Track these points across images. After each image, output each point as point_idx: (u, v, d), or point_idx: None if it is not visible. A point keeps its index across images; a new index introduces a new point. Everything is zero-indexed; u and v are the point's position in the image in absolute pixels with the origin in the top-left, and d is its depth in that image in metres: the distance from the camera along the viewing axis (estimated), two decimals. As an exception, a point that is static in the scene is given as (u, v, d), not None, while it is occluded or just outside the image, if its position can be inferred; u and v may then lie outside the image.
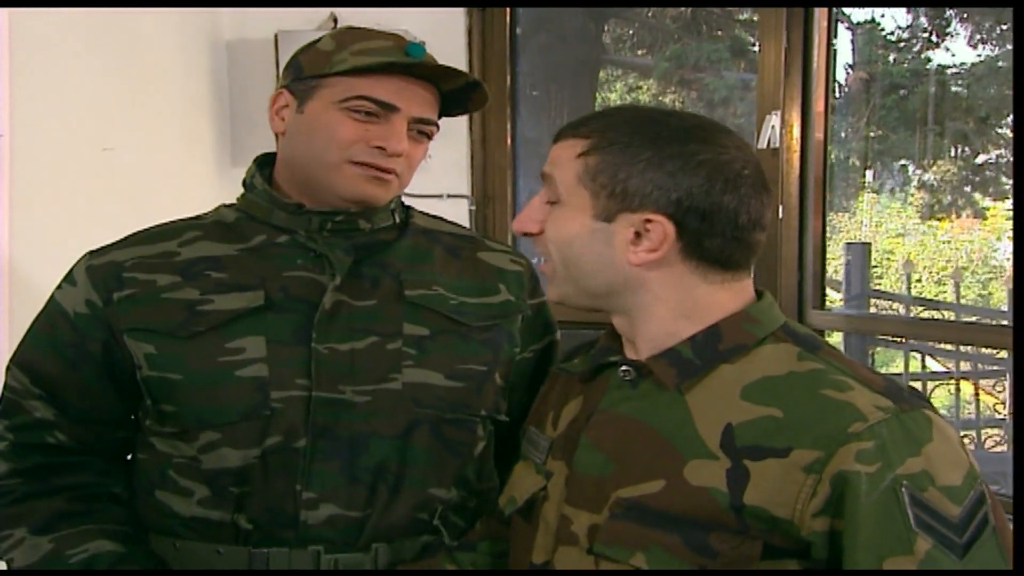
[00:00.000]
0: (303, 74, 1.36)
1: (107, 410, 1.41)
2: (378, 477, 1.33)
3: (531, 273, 1.53)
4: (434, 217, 1.54)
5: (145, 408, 1.38)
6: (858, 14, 5.10)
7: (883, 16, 5.31)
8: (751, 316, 1.11)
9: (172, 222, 1.47)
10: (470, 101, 1.44)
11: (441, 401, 1.37)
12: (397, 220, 1.45)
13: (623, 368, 1.15)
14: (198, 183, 2.96)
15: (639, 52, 5.09)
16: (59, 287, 1.42)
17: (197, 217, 1.47)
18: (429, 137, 1.41)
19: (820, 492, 0.99)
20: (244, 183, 1.45)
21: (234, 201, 1.46)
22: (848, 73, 5.48)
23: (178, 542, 1.35)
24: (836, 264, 5.41)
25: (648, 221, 1.08)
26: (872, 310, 5.43)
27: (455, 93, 1.41)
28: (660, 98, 4.93)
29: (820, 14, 2.75)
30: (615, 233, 1.10)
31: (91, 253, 1.42)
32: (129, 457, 1.46)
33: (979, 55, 5.48)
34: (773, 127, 2.75)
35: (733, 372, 1.08)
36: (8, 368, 1.41)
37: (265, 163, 1.46)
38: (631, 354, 1.16)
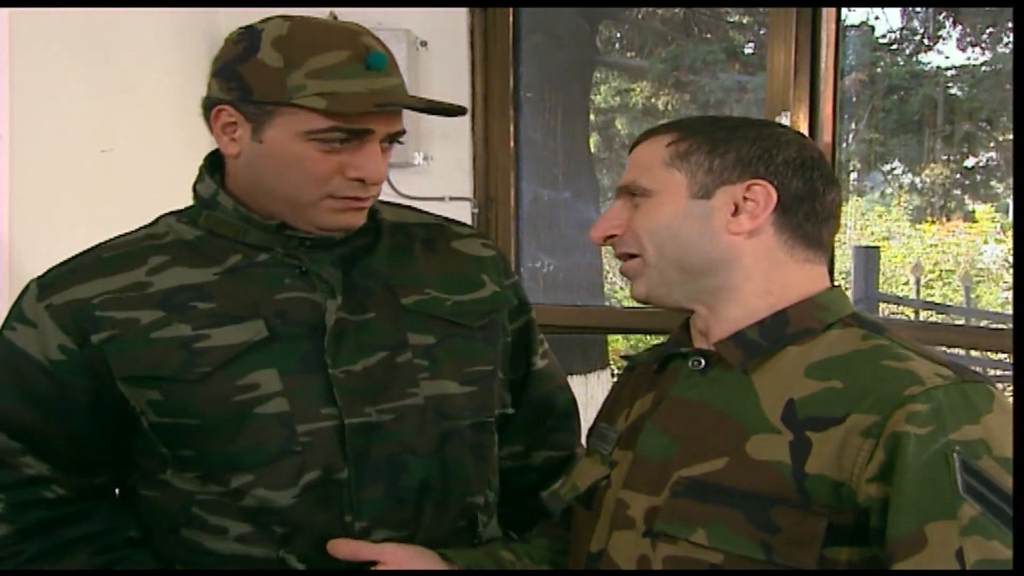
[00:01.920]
0: (253, 96, 1.23)
1: (100, 454, 1.33)
2: (423, 496, 1.30)
3: (500, 253, 1.50)
4: (396, 206, 1.47)
5: (158, 454, 1.29)
6: (851, 16, 5.12)
7: (876, 19, 5.34)
8: (820, 303, 1.13)
9: (125, 240, 1.34)
10: (448, 112, 1.32)
11: (462, 409, 1.34)
12: (365, 221, 1.36)
13: (693, 359, 1.16)
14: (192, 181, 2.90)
15: (629, 54, 5.07)
16: (10, 327, 1.30)
17: (150, 235, 1.34)
18: (400, 142, 1.32)
19: (876, 457, 0.99)
20: (202, 198, 1.33)
21: (181, 210, 1.36)
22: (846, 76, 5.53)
23: None
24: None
25: (749, 188, 1.11)
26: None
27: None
28: (653, 100, 4.92)
29: (828, 15, 2.73)
30: (714, 209, 1.12)
31: (40, 286, 1.30)
32: (120, 489, 1.38)
33: (968, 58, 5.52)
34: (783, 128, 2.72)
35: (799, 353, 1.10)
36: None
37: (215, 168, 1.34)
38: (701, 344, 1.18)
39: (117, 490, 1.39)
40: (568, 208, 3.71)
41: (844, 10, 2.90)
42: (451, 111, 1.30)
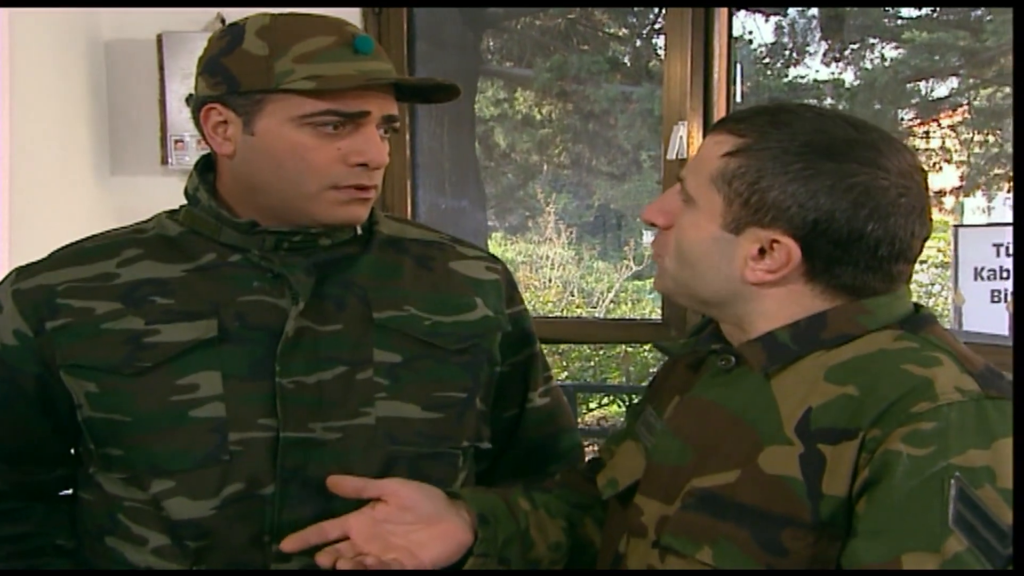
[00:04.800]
0: (241, 88, 1.20)
1: (43, 448, 1.29)
2: None
3: (508, 279, 1.42)
4: (400, 220, 1.42)
5: (88, 450, 1.26)
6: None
7: (751, 33, 5.53)
8: (865, 307, 1.04)
9: (111, 233, 1.32)
10: (435, 97, 1.31)
11: (419, 436, 1.27)
12: (359, 231, 1.32)
13: (723, 356, 1.09)
14: (75, 192, 2.77)
15: (507, 64, 5.10)
16: None
17: (138, 229, 1.32)
18: (396, 132, 1.28)
19: (861, 473, 0.93)
20: (186, 195, 1.30)
21: (176, 208, 1.32)
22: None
23: None
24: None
25: (775, 241, 1.01)
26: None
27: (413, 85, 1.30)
28: (537, 108, 4.95)
29: (720, 25, 2.79)
30: (739, 246, 1.03)
31: (18, 273, 1.28)
32: (71, 492, 1.33)
33: (832, 73, 5.78)
34: (681, 137, 2.77)
35: (825, 356, 1.02)
36: None
37: (207, 168, 1.31)
38: (734, 341, 1.11)
39: (69, 491, 1.34)
40: (467, 216, 3.69)
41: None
42: (445, 87, 1.26)
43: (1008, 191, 6.68)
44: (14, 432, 1.27)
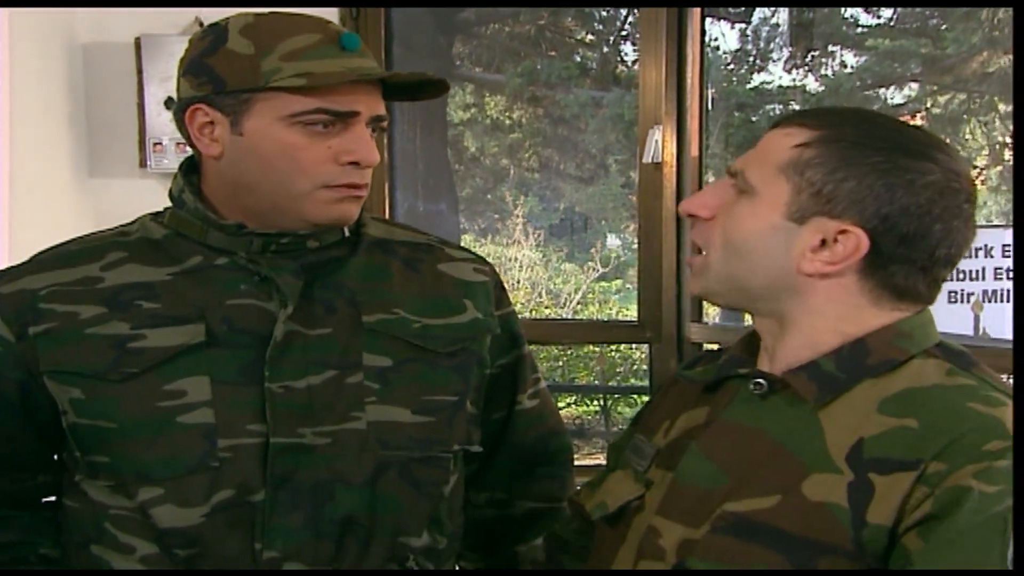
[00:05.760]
0: (227, 87, 1.18)
1: (27, 455, 1.27)
2: (346, 529, 1.21)
3: (496, 281, 1.41)
4: (387, 223, 1.41)
5: (73, 457, 1.23)
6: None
7: (716, 40, 5.60)
8: (902, 331, 1.03)
9: (94, 236, 1.30)
10: (423, 93, 1.30)
11: (410, 440, 1.25)
12: (347, 234, 1.30)
13: (755, 381, 1.07)
14: (53, 195, 2.75)
15: (477, 69, 5.13)
16: None
17: (121, 232, 1.30)
18: (384, 132, 1.28)
19: (923, 507, 0.92)
20: (171, 197, 1.28)
21: (159, 211, 1.30)
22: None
23: None
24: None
25: (843, 231, 1.01)
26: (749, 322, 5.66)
27: (401, 84, 1.28)
28: (507, 113, 4.99)
29: (693, 31, 2.84)
30: (799, 236, 1.02)
31: (1, 275, 1.26)
32: (54, 499, 1.31)
33: (793, 80, 5.87)
34: (656, 141, 2.81)
35: (875, 386, 1.01)
36: None
37: (191, 170, 1.29)
38: (765, 366, 1.09)
39: (53, 498, 1.32)
40: (444, 219, 3.72)
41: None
42: (435, 82, 1.25)
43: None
44: None
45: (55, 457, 1.28)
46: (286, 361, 1.21)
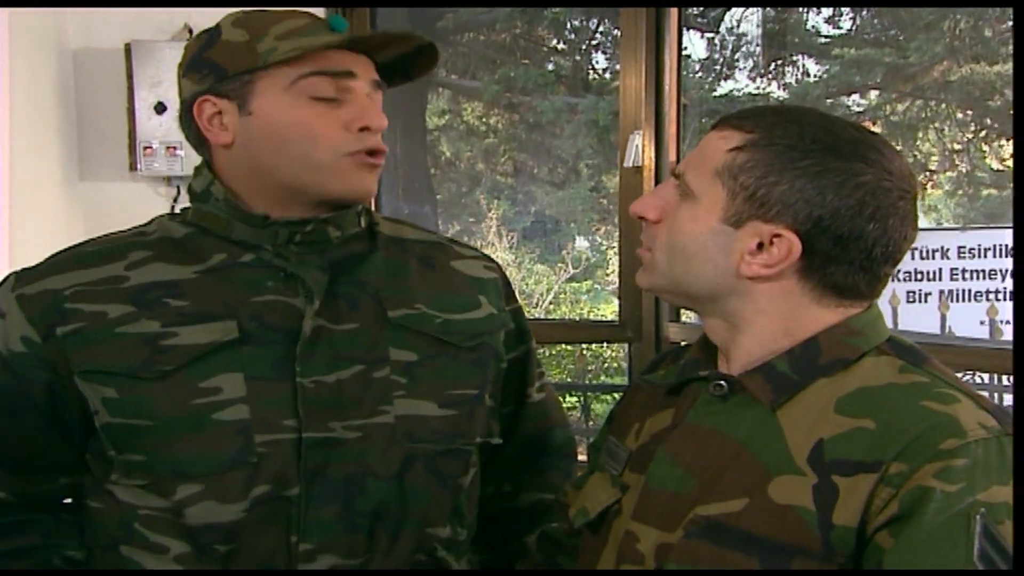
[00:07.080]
0: (228, 73, 1.21)
1: (51, 457, 1.26)
2: (376, 521, 1.22)
3: (504, 278, 1.45)
4: (396, 221, 1.42)
5: (106, 457, 1.22)
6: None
7: (685, 48, 5.71)
8: (853, 328, 1.04)
9: (111, 237, 1.29)
10: (415, 68, 1.32)
11: (435, 433, 1.26)
12: (363, 225, 1.32)
13: (715, 383, 1.07)
14: (44, 199, 2.77)
15: (453, 76, 5.20)
16: None
17: (139, 232, 1.30)
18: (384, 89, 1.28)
19: (889, 507, 0.93)
20: (195, 193, 1.28)
21: (175, 212, 1.33)
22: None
23: None
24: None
25: (777, 235, 1.01)
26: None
27: (392, 63, 1.29)
28: (484, 119, 5.05)
29: (671, 38, 2.90)
30: (737, 240, 1.02)
31: (18, 277, 1.24)
32: (72, 500, 1.31)
33: (757, 87, 5.99)
34: (637, 146, 2.88)
35: (830, 386, 1.01)
36: None
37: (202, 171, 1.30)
38: (724, 368, 1.10)
39: (70, 500, 1.31)
40: (427, 222, 3.78)
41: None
42: (425, 49, 1.29)
43: (923, 199, 7.00)
44: (21, 442, 1.24)
45: (77, 460, 1.27)
46: (315, 356, 1.21)
